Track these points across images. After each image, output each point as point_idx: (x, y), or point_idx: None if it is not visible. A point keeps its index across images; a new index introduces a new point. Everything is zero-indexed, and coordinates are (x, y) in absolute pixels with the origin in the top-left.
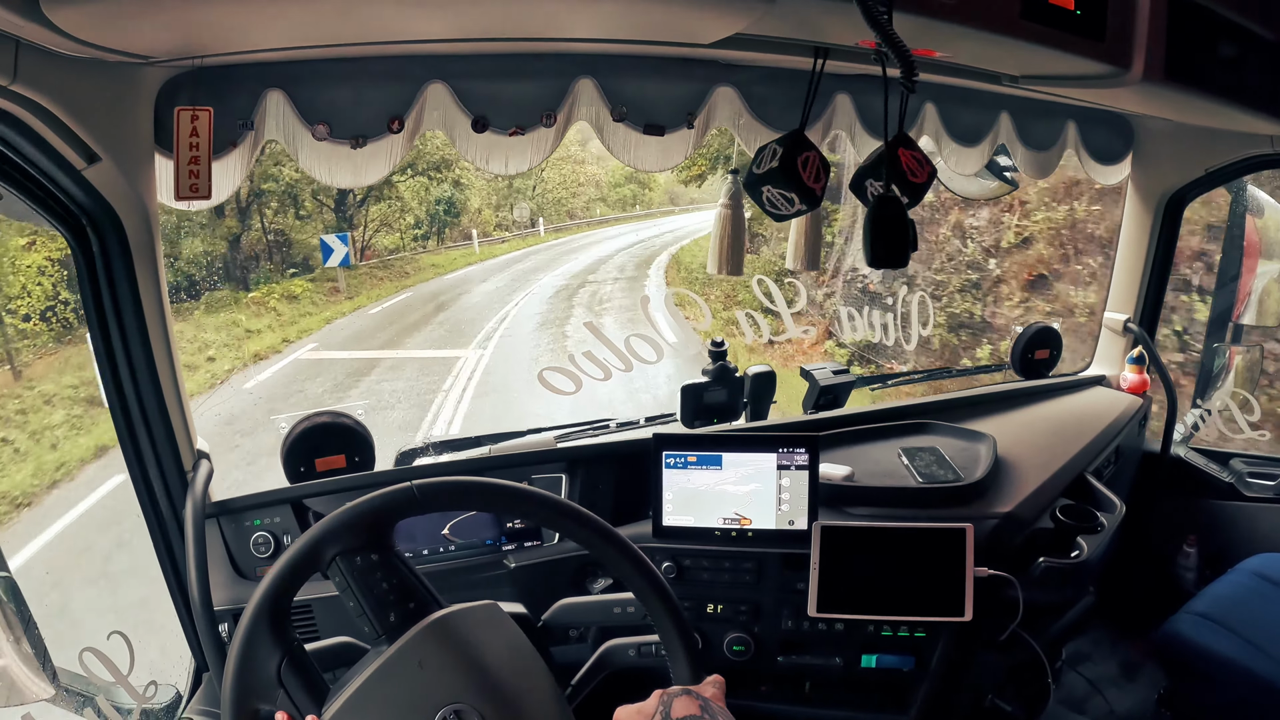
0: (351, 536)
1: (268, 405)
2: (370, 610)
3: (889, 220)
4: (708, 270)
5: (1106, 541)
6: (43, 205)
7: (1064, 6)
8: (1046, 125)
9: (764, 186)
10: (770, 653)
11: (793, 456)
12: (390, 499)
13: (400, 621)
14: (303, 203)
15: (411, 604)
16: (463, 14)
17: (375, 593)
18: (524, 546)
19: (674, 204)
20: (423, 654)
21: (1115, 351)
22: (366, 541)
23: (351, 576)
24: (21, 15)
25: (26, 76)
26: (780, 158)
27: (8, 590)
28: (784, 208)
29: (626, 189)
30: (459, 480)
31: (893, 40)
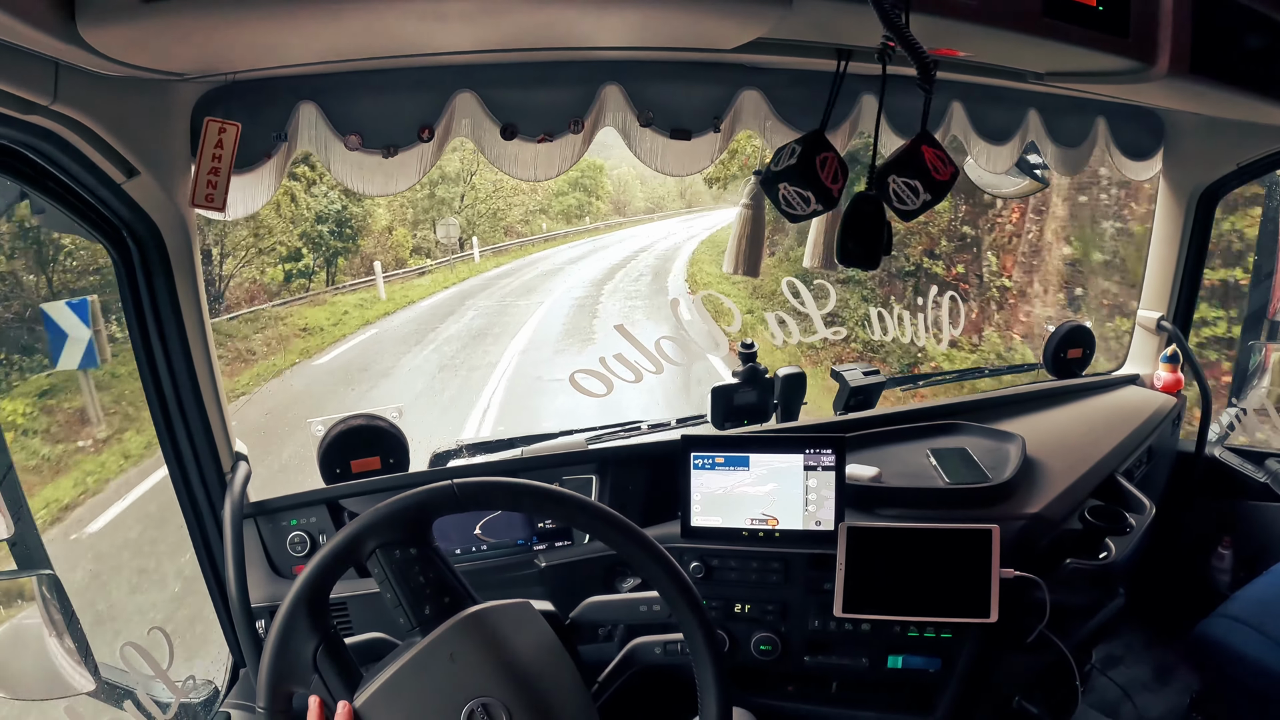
0: (392, 530)
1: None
2: (406, 602)
3: (865, 218)
4: (724, 269)
5: (1135, 543)
6: (84, 218)
7: (1087, 3)
8: (1076, 122)
9: (781, 184)
10: (797, 653)
11: (820, 457)
12: (431, 496)
13: (435, 615)
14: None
15: (447, 599)
16: (488, 26)
17: (412, 585)
18: (555, 546)
19: (619, 214)
20: (455, 647)
21: (1149, 350)
22: (406, 536)
23: (390, 569)
24: (60, 38)
25: (66, 96)
26: (799, 156)
27: (51, 586)
28: (800, 207)
29: (571, 197)
30: (497, 480)
31: (907, 40)
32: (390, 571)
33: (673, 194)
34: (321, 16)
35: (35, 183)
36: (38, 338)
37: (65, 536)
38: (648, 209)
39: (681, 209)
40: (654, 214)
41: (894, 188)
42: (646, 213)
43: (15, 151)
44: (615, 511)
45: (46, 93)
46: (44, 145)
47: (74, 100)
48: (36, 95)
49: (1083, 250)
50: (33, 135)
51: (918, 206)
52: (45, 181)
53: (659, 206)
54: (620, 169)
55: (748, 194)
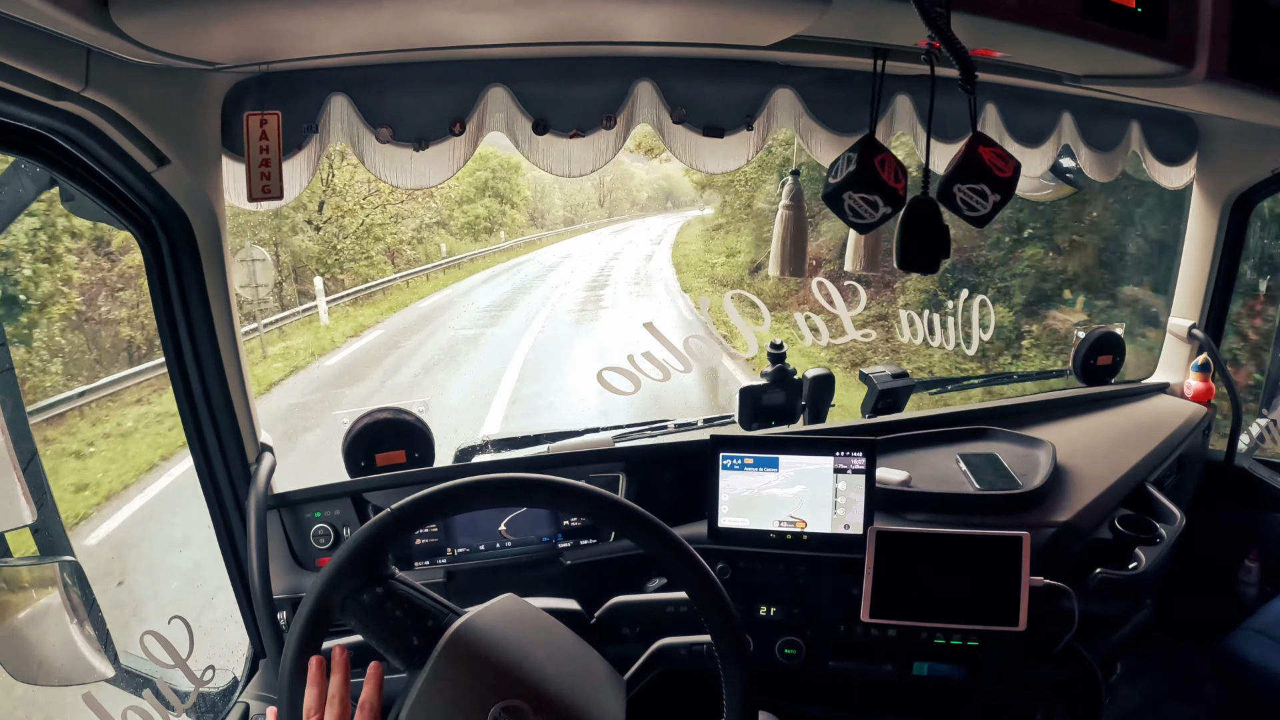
0: (349, 579)
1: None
2: (392, 641)
3: (922, 222)
4: (770, 272)
5: (1165, 553)
6: (114, 206)
7: (1125, 5)
8: (1110, 125)
9: (845, 194)
10: (821, 657)
11: (850, 460)
12: (372, 530)
13: (423, 643)
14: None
15: (429, 622)
16: (522, 19)
17: (391, 624)
18: (580, 544)
19: (537, 226)
20: (454, 667)
21: (1180, 358)
22: (366, 578)
23: (365, 616)
24: (92, 24)
25: (98, 82)
26: (857, 162)
27: (73, 573)
28: (868, 214)
29: (480, 205)
30: (431, 491)
31: (950, 41)
32: (367, 618)
33: (591, 201)
34: (358, 6)
35: (65, 169)
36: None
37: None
38: (567, 219)
39: (604, 219)
40: (577, 225)
41: (961, 197)
42: (566, 223)
43: (46, 138)
44: (563, 479)
45: (78, 79)
46: (74, 132)
47: (105, 87)
48: (68, 81)
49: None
50: (64, 121)
51: (989, 209)
52: (75, 168)
53: (578, 216)
54: (535, 171)
55: (787, 194)
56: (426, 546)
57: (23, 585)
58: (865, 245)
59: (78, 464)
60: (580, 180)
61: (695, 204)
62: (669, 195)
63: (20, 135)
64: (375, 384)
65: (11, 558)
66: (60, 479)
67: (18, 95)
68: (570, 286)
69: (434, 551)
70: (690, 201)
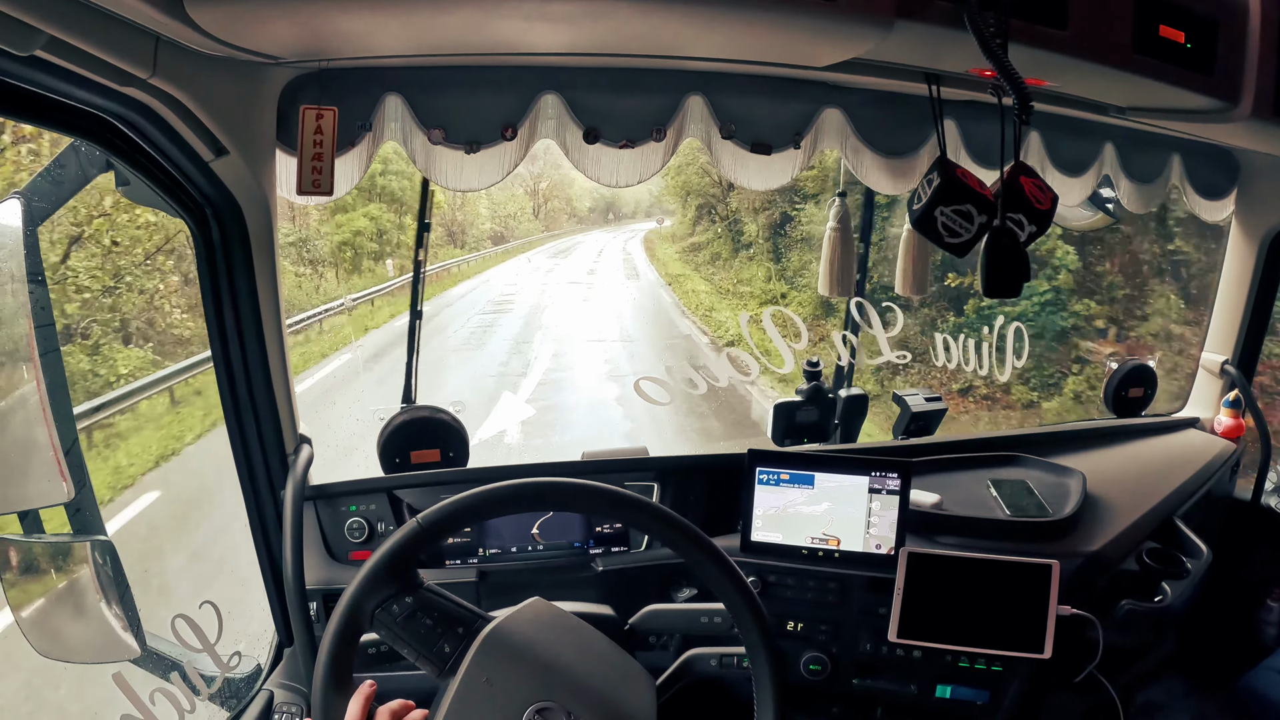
0: (381, 588)
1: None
2: (424, 650)
3: (1004, 251)
4: (819, 291)
5: (1191, 588)
6: (169, 193)
7: (1175, 40)
8: (1151, 157)
9: (936, 209)
10: (846, 675)
11: (885, 481)
12: (399, 542)
13: (455, 650)
14: None
15: (459, 629)
16: (583, 29)
17: (422, 633)
18: (612, 551)
19: (456, 245)
20: (487, 672)
21: (1211, 393)
22: (396, 588)
23: (396, 627)
24: (165, 13)
25: (164, 70)
26: (940, 176)
27: (104, 552)
28: (964, 229)
29: (361, 215)
30: (457, 500)
31: (1008, 71)
32: (398, 629)
33: (525, 212)
34: (425, 9)
35: (125, 155)
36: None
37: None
38: (495, 234)
39: (540, 233)
40: (508, 243)
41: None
42: (496, 240)
43: (108, 123)
44: (550, 479)
45: (146, 66)
46: (137, 118)
47: (171, 75)
48: (136, 68)
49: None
50: (127, 107)
51: (1024, 239)
52: (135, 154)
53: (508, 231)
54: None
55: (835, 215)
56: (459, 546)
57: (58, 563)
58: (915, 268)
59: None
60: (510, 184)
61: (637, 216)
62: (610, 206)
63: (84, 119)
64: None
65: (47, 534)
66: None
67: (87, 79)
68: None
69: (466, 551)
70: (631, 214)
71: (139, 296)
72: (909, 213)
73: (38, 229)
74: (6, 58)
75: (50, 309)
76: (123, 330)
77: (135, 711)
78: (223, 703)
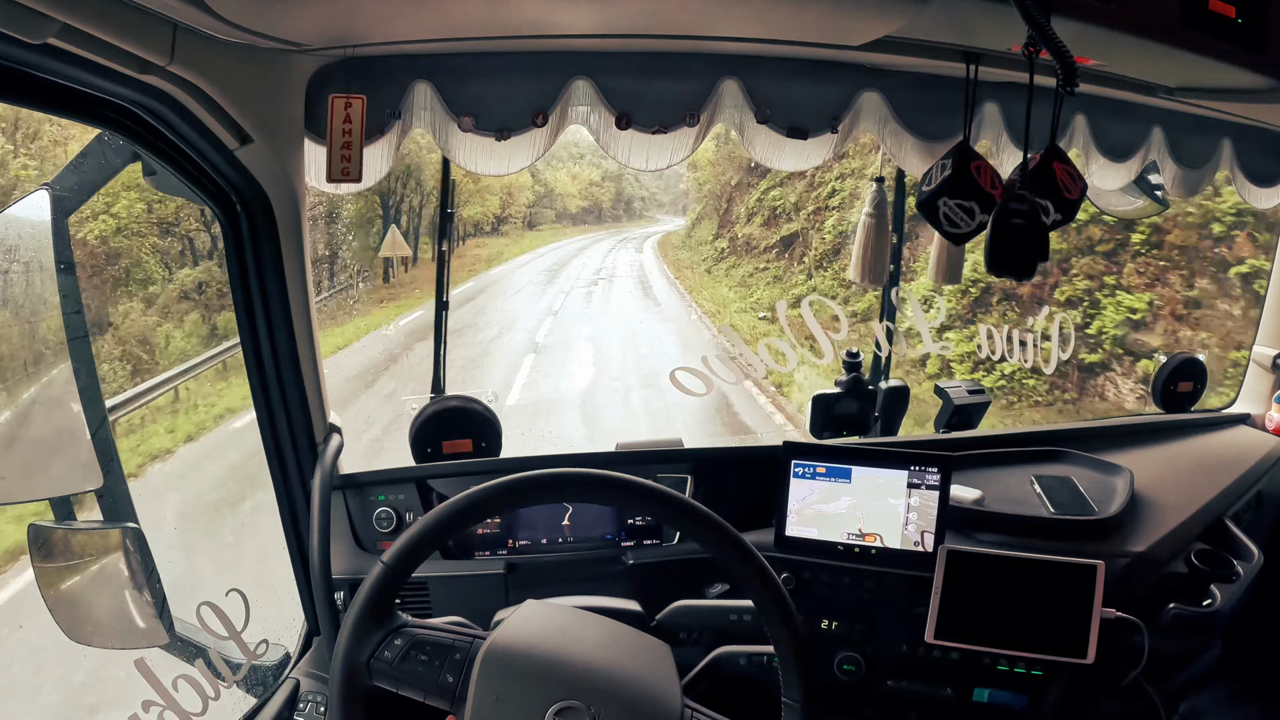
0: (367, 638)
1: None
2: (428, 688)
3: (1016, 224)
4: (850, 277)
5: (1241, 592)
6: (195, 182)
7: (1226, 14)
8: (1200, 142)
9: (939, 200)
10: (880, 676)
11: (924, 475)
12: (371, 588)
13: (457, 677)
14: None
15: (456, 655)
16: (611, 8)
17: (421, 670)
18: (643, 545)
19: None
20: (494, 691)
21: (1262, 389)
22: (381, 633)
23: (394, 672)
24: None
25: (183, 58)
26: (953, 167)
27: (135, 540)
28: (964, 222)
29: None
30: (414, 532)
31: (1051, 39)
32: (395, 673)
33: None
34: None
35: (149, 144)
36: None
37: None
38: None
39: (511, 244)
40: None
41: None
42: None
43: (130, 112)
44: (542, 472)
45: (164, 53)
46: (159, 106)
47: (190, 62)
48: (153, 55)
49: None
50: (148, 96)
51: (1046, 226)
52: (159, 143)
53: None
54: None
55: (870, 202)
56: (488, 537)
57: (86, 549)
58: (949, 256)
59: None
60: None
61: (621, 219)
62: (604, 208)
63: (106, 109)
64: None
65: (76, 520)
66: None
67: (104, 67)
68: None
69: (495, 542)
70: (639, 212)
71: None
72: (917, 192)
73: (66, 219)
74: (21, 46)
75: (79, 297)
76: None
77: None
78: (249, 690)
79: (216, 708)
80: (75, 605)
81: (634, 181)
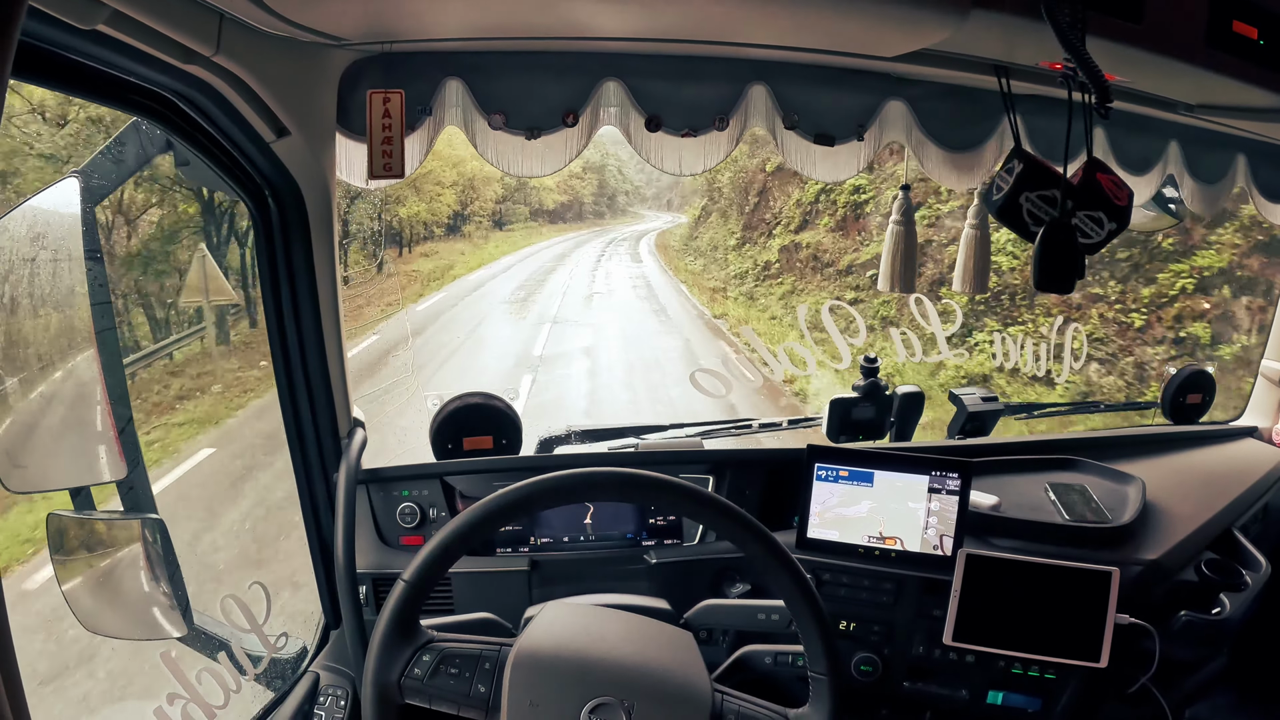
0: (394, 656)
1: None
2: (462, 700)
3: (1060, 246)
4: (879, 286)
5: (1249, 601)
6: (230, 174)
7: (1248, 35)
8: (1216, 158)
9: (1021, 195)
10: (897, 677)
11: (945, 480)
12: (395, 607)
13: (489, 687)
14: None
15: (486, 665)
16: (646, 12)
17: (452, 683)
18: (665, 544)
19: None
20: (528, 696)
21: (1270, 402)
22: (410, 650)
23: (425, 688)
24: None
25: (228, 49)
26: (1023, 164)
27: (155, 530)
28: (1047, 213)
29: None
30: (430, 549)
31: (1087, 64)
32: (427, 689)
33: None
34: None
35: (185, 134)
36: None
37: None
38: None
39: (468, 255)
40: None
41: (1076, 222)
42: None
43: (170, 101)
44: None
45: (209, 44)
46: (199, 97)
47: (234, 54)
48: (200, 45)
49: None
50: (189, 85)
51: (1103, 237)
52: (196, 134)
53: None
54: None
55: (898, 209)
56: (510, 534)
57: (108, 540)
58: (975, 264)
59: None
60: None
61: (605, 216)
62: (584, 203)
63: (148, 97)
64: None
65: (98, 511)
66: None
67: (149, 56)
68: None
69: (518, 540)
70: (596, 213)
71: None
72: (988, 204)
73: (96, 207)
74: (70, 32)
75: (107, 286)
76: None
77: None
78: (268, 683)
79: (236, 700)
80: (96, 596)
81: (617, 174)
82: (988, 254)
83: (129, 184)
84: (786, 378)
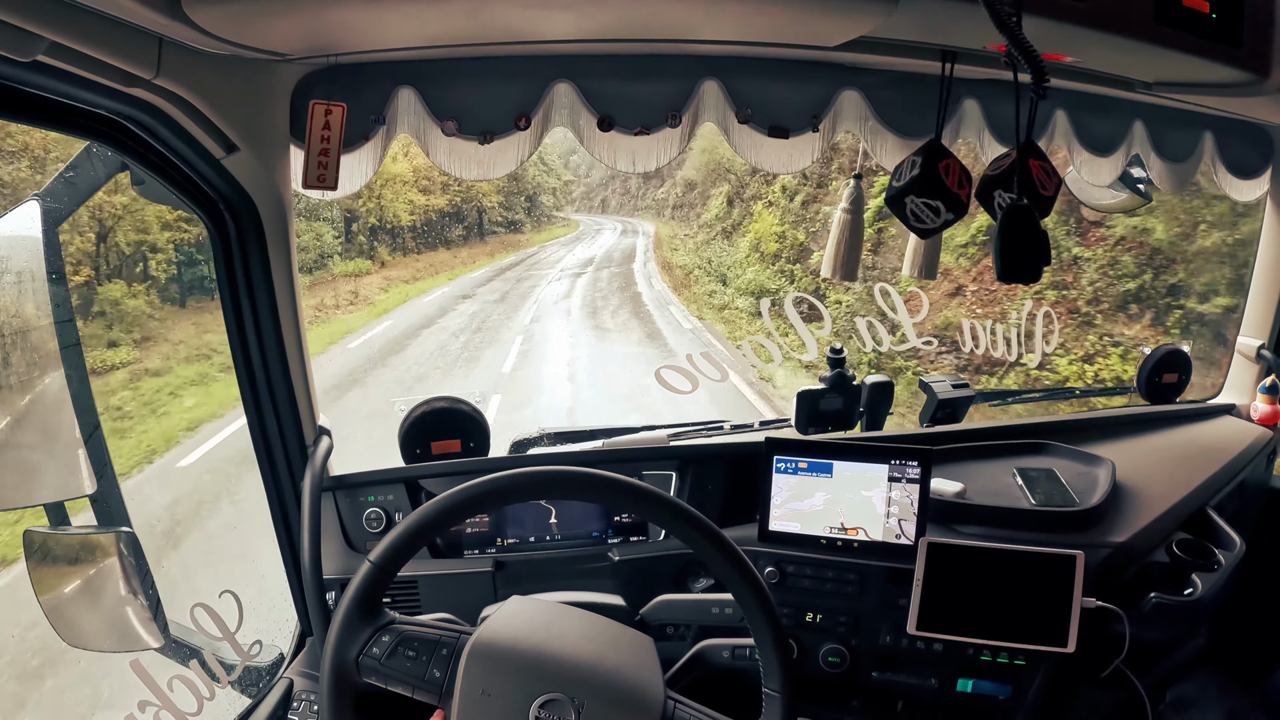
0: (354, 635)
1: None
2: (416, 683)
3: (1022, 231)
4: (822, 274)
5: (1223, 581)
6: (183, 191)
7: (1199, 9)
8: (1182, 136)
9: (907, 198)
10: (865, 667)
11: (905, 469)
12: (359, 586)
13: (444, 673)
14: None
15: (443, 650)
16: (589, 15)
17: (408, 666)
18: (629, 541)
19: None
20: (480, 685)
21: (1247, 379)
22: (370, 630)
23: (382, 668)
24: (164, 14)
25: (169, 71)
26: (920, 167)
27: (129, 544)
28: (929, 219)
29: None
30: (398, 532)
31: (1022, 44)
32: (383, 669)
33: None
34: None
35: (137, 155)
36: None
37: None
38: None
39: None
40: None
41: (998, 202)
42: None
43: (118, 123)
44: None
45: (149, 67)
46: (146, 118)
47: (176, 75)
48: (140, 69)
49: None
50: (136, 108)
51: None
52: (147, 154)
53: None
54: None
55: (847, 198)
56: (476, 536)
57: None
58: (925, 251)
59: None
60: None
61: (523, 228)
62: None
63: (94, 120)
64: None
65: (71, 526)
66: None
67: (91, 81)
68: None
69: (484, 541)
70: (509, 224)
71: None
72: (887, 188)
73: (56, 229)
74: (9, 64)
75: (70, 305)
76: None
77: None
78: (243, 690)
79: (211, 707)
80: (71, 608)
81: (539, 165)
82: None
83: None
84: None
